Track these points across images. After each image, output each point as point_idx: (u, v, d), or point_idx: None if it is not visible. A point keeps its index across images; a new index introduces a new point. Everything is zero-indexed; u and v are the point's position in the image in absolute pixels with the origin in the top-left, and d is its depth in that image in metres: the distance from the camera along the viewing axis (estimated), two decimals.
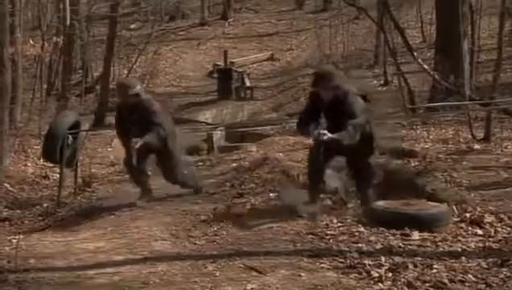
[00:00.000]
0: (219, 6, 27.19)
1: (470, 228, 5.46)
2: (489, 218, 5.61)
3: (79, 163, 8.62)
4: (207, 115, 16.06)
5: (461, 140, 9.51)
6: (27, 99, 14.34)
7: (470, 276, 4.37)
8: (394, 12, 14.49)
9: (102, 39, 18.45)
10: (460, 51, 11.97)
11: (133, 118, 6.91)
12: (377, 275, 4.45)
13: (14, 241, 5.89)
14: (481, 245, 5.08)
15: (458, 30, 12.34)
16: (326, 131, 5.76)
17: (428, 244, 5.11)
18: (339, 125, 5.80)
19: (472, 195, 6.49)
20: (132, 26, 23.47)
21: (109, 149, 12.15)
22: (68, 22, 16.16)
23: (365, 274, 4.50)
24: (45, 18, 17.18)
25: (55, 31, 16.98)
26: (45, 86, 16.55)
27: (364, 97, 6.08)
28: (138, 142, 6.70)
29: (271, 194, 6.92)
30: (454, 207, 5.88)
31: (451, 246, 5.06)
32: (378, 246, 5.07)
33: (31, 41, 14.21)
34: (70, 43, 16.12)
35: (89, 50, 18.64)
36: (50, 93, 16.90)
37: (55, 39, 15.65)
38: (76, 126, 7.97)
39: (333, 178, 6.39)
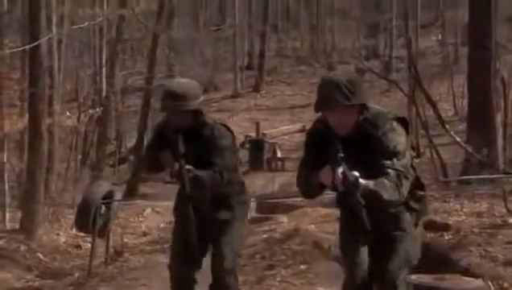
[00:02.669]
0: (251, 78, 27.62)
1: None
2: None
3: (111, 233, 8.65)
4: None
5: (496, 214, 9.36)
6: (62, 169, 14.56)
7: None
8: (426, 85, 14.56)
9: (136, 110, 18.80)
10: (492, 124, 11.93)
11: (188, 147, 4.15)
12: None
13: None
14: None
15: (491, 103, 12.34)
16: (357, 173, 3.30)
17: None
18: (367, 172, 3.34)
19: (509, 270, 6.35)
20: None
21: (141, 219, 12.21)
22: (104, 93, 16.56)
23: None
24: (82, 90, 17.62)
25: (91, 102, 17.38)
26: (80, 156, 16.83)
27: (403, 121, 3.65)
28: (189, 170, 4.09)
29: (302, 266, 6.86)
30: (490, 283, 5.75)
31: None
32: None
33: (68, 112, 14.54)
34: (105, 114, 16.45)
35: (124, 121, 18.98)
36: (84, 163, 17.15)
37: (90, 110, 16.00)
38: (109, 195, 8.05)
39: None
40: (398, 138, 3.53)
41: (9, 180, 12.15)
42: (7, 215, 11.17)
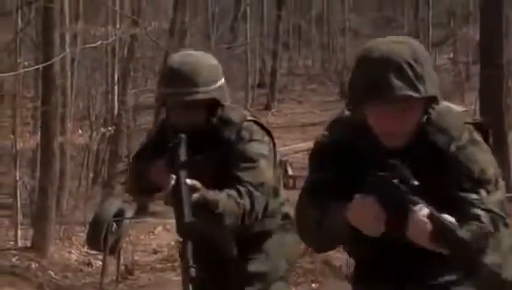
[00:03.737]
0: (262, 96, 27.67)
1: None
2: None
3: (122, 251, 8.66)
4: None
5: None
6: (74, 187, 14.61)
7: None
8: None
9: (147, 128, 18.86)
10: (504, 143, 11.89)
11: (197, 156, 2.68)
12: None
13: None
14: None
15: (502, 121, 12.32)
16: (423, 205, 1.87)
17: None
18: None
19: None
20: None
21: (152, 237, 12.21)
22: (116, 112, 16.64)
23: None
24: (94, 109, 17.71)
25: (103, 120, 17.46)
26: (91, 174, 16.87)
27: (481, 128, 2.28)
28: (194, 187, 2.55)
29: (313, 285, 6.83)
30: None
31: None
32: None
33: (80, 130, 14.62)
34: (117, 132, 16.51)
35: (135, 139, 19.03)
36: (96, 181, 17.19)
37: (102, 129, 16.09)
38: (120, 213, 8.07)
39: None
40: (486, 157, 2.12)
41: (21, 197, 12.19)
42: (19, 232, 11.20)
